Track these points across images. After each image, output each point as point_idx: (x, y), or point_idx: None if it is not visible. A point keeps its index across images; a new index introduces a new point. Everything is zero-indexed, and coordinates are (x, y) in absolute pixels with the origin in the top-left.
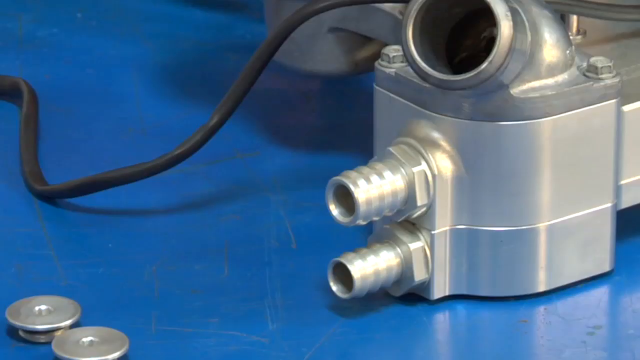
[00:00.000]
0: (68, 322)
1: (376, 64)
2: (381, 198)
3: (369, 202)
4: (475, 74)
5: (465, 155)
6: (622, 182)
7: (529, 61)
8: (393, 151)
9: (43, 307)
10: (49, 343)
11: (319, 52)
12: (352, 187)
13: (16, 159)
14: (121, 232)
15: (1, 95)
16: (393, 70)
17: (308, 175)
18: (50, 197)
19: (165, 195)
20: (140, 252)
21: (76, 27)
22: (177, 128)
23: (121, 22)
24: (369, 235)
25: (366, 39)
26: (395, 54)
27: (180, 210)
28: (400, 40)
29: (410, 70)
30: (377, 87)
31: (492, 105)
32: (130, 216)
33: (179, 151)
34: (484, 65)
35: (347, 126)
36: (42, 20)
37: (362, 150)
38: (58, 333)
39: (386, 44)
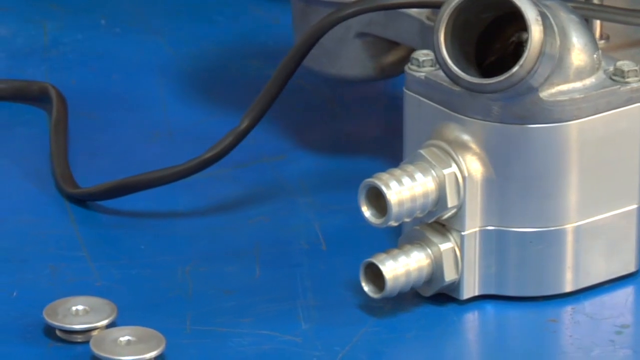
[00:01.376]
0: (104, 322)
1: (406, 68)
2: (413, 200)
3: (400, 204)
4: (506, 78)
5: (494, 158)
6: None
7: (557, 65)
8: (424, 153)
9: (80, 307)
10: (85, 342)
11: (346, 57)
12: (384, 188)
13: (47, 163)
14: (152, 234)
15: (30, 100)
16: (423, 74)
17: (333, 178)
18: (82, 200)
19: (193, 198)
20: (172, 254)
21: (100, 34)
22: (202, 132)
23: (144, 28)
24: (396, 236)
25: (392, 44)
26: (424, 58)
27: (209, 213)
28: (432, 44)
29: (440, 74)
30: (406, 91)
31: (522, 108)
32: (160, 219)
33: (209, 154)
34: (515, 69)
35: (370, 130)
36: (67, 27)
37: (386, 153)
38: (94, 333)
39: (412, 49)
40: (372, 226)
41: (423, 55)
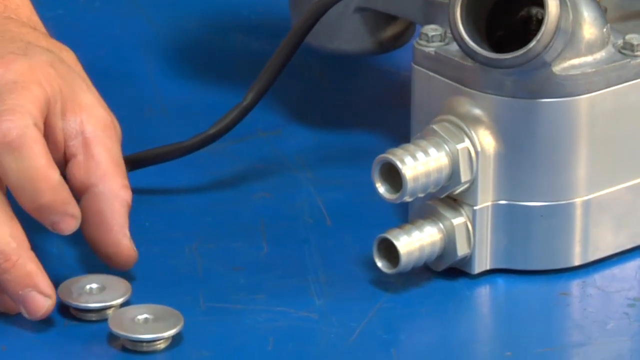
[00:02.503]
0: (119, 300)
1: (415, 43)
2: (427, 175)
3: (415, 179)
4: (524, 53)
5: (506, 132)
6: None
7: (570, 39)
8: (436, 128)
9: (94, 285)
10: (100, 321)
11: (345, 31)
12: (399, 164)
13: None
14: (156, 211)
15: None
16: (432, 49)
17: (331, 153)
18: None
19: (194, 175)
20: (178, 231)
21: (81, 9)
22: (196, 107)
23: (124, 2)
24: (401, 210)
25: (391, 19)
26: (433, 33)
27: (212, 189)
28: (439, 19)
29: (450, 49)
30: (415, 66)
31: (534, 82)
32: (162, 195)
33: (214, 130)
34: (532, 44)
35: (365, 104)
36: (47, 2)
37: (381, 126)
38: (109, 311)
39: (410, 23)
40: (381, 202)
41: (432, 30)
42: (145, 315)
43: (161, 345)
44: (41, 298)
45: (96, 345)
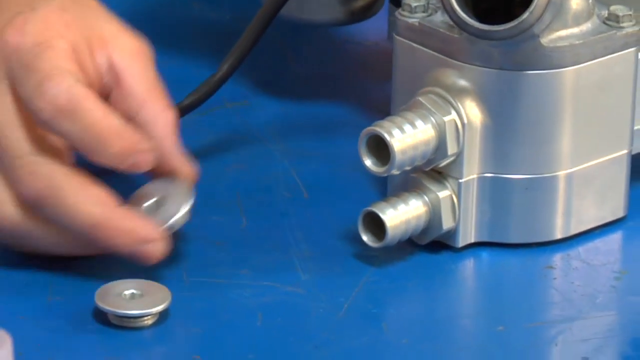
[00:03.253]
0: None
1: (397, 14)
2: (415, 147)
3: (404, 152)
4: (516, 25)
5: (492, 104)
6: (635, 128)
7: (558, 10)
8: (422, 100)
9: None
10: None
11: (315, 1)
12: (387, 136)
13: None
14: (131, 184)
15: None
16: (416, 20)
17: (300, 124)
18: None
19: None
20: None
21: None
22: (163, 78)
23: None
24: (378, 183)
25: None
26: (416, 4)
27: None
28: None
29: (434, 20)
30: (398, 38)
31: (522, 54)
32: None
33: (188, 102)
34: (524, 16)
35: (331, 75)
36: None
37: (350, 98)
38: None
39: None
40: (370, 174)
41: (414, 1)
42: (132, 291)
43: (148, 321)
44: (149, 248)
45: (82, 321)
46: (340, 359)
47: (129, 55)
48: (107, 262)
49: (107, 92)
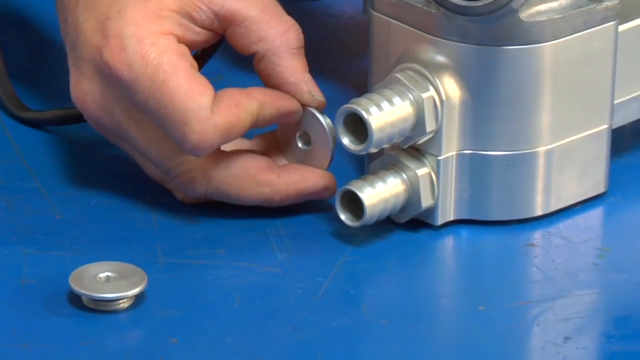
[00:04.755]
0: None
1: None
2: (392, 125)
3: (381, 130)
4: (495, 0)
5: (471, 80)
6: (615, 102)
7: None
8: (400, 77)
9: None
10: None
11: None
12: (365, 114)
13: None
14: (104, 162)
15: None
16: None
17: None
18: (31, 124)
19: None
20: (127, 182)
21: None
22: None
23: None
24: (355, 161)
25: None
26: None
27: None
28: None
29: None
30: (374, 13)
31: (500, 29)
32: (110, 147)
33: None
34: None
35: (307, 49)
36: None
37: (322, 70)
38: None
39: None
40: (348, 152)
41: None
42: (107, 274)
43: (124, 304)
44: (322, 192)
45: (56, 304)
46: (320, 341)
47: None
48: (81, 244)
49: (225, 26)
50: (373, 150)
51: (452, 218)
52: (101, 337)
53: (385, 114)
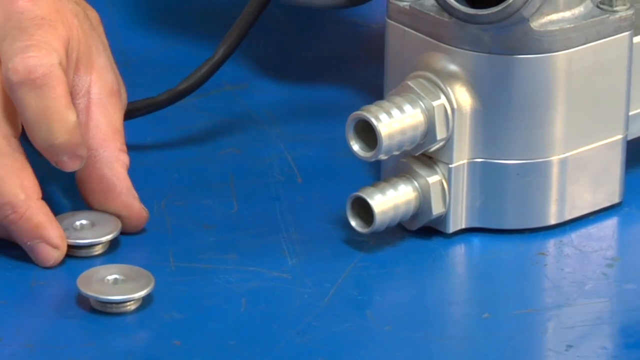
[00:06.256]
0: (109, 237)
1: None
2: (402, 132)
3: (391, 137)
4: (502, 9)
5: (483, 89)
6: (630, 113)
7: None
8: (411, 85)
9: (84, 221)
10: (89, 257)
11: None
12: (374, 121)
13: None
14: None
15: None
16: (407, 3)
17: (300, 108)
18: None
19: (161, 130)
20: (146, 188)
21: None
22: (159, 60)
23: None
24: (372, 168)
25: None
26: None
27: (179, 145)
28: None
29: (426, 4)
30: (390, 21)
31: (512, 38)
32: (130, 151)
33: (184, 86)
34: (511, 0)
35: (332, 59)
36: None
37: (350, 81)
38: (98, 247)
39: None
40: (351, 159)
41: None
42: (115, 276)
43: (131, 306)
44: (49, 249)
45: (64, 307)
46: (322, 345)
47: (107, 92)
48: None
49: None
50: (383, 157)
51: (463, 226)
52: (105, 339)
53: (395, 121)
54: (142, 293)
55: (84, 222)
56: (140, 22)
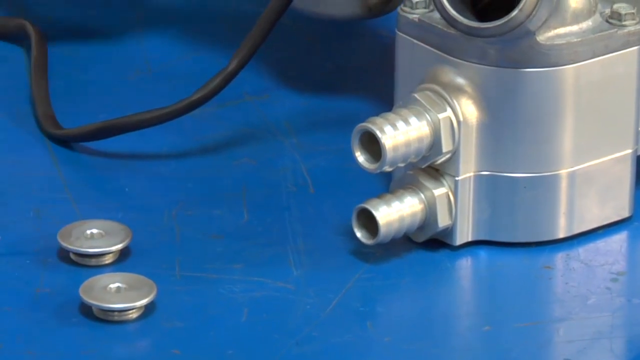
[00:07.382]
0: (119, 246)
1: (399, 9)
2: (407, 144)
3: (395, 149)
4: (506, 22)
5: (489, 102)
6: None
7: (555, 8)
8: (418, 97)
9: (95, 230)
10: (99, 266)
11: None
12: (379, 133)
13: (27, 102)
14: (136, 176)
15: (6, 37)
16: (416, 16)
17: (318, 119)
18: (65, 141)
19: (177, 139)
20: (157, 197)
21: None
22: (183, 70)
23: None
24: (385, 179)
25: None
26: (418, 0)
27: (194, 154)
28: None
29: (434, 16)
30: (399, 33)
31: (518, 52)
32: (143, 160)
33: (198, 96)
34: (514, 13)
35: (353, 69)
36: None
37: (370, 93)
38: (109, 256)
39: None
40: (365, 170)
41: None
42: (117, 284)
43: (133, 314)
44: None
45: (67, 314)
46: (319, 356)
47: None
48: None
49: None
50: (387, 169)
51: (470, 239)
52: (105, 347)
53: (400, 133)
54: (144, 301)
55: (94, 231)
56: (164, 29)
